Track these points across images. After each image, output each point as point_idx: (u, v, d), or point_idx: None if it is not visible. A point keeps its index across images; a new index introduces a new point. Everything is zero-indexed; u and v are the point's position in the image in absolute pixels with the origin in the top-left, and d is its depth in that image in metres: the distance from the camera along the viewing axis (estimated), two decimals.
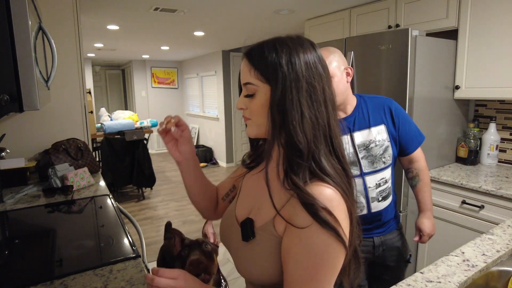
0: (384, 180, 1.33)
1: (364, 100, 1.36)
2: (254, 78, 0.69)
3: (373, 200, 1.32)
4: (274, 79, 0.66)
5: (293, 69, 0.65)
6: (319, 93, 0.66)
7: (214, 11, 3.07)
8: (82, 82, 2.38)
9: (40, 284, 0.96)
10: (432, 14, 2.27)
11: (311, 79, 0.66)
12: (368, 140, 1.31)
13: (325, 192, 0.62)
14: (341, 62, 1.30)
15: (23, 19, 0.91)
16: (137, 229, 1.58)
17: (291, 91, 0.64)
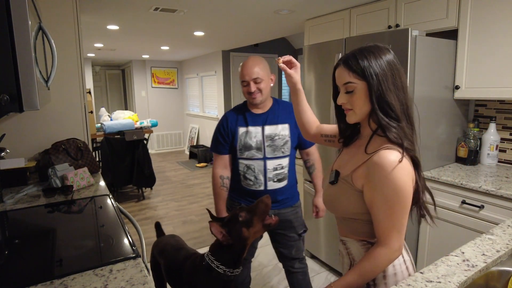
0: (281, 166, 1.75)
1: (278, 103, 1.80)
2: (353, 78, 0.95)
3: (269, 180, 1.74)
4: (369, 76, 0.93)
5: (380, 67, 0.93)
6: (398, 81, 0.94)
7: (214, 11, 3.07)
8: (82, 82, 2.38)
9: (40, 284, 0.96)
10: (432, 14, 2.27)
11: (392, 72, 0.94)
12: (274, 133, 1.73)
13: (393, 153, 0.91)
14: (268, 70, 1.72)
15: (23, 19, 0.91)
16: (137, 229, 1.58)
17: (384, 81, 0.93)
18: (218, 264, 1.25)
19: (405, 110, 0.95)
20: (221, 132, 1.79)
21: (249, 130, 1.73)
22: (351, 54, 0.97)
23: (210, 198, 4.52)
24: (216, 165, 1.83)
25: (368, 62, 0.93)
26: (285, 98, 6.81)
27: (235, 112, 1.81)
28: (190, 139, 7.56)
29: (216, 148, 1.81)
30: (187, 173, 5.88)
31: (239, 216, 1.26)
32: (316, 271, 2.67)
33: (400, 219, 0.92)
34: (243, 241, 1.26)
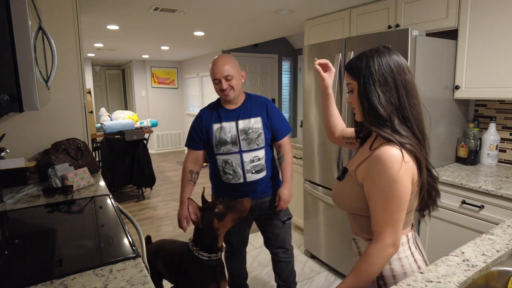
0: (258, 158, 1.81)
1: (250, 97, 1.86)
2: (350, 79, 1.05)
3: (247, 172, 1.81)
4: (358, 77, 1.00)
5: (367, 68, 0.98)
6: (390, 81, 0.97)
7: (214, 11, 3.07)
8: (82, 82, 2.38)
9: (40, 284, 0.96)
10: (432, 14, 2.27)
11: (383, 73, 0.97)
12: (247, 127, 1.79)
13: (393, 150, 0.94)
14: (238, 67, 1.80)
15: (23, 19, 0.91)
16: (137, 229, 1.58)
17: (369, 82, 0.98)
18: (197, 249, 1.40)
19: (398, 110, 0.97)
20: (195, 129, 1.84)
21: (223, 126, 1.79)
22: (351, 59, 1.05)
23: (210, 198, 4.51)
24: (188, 159, 1.91)
25: (359, 64, 1.00)
26: (284, 98, 6.82)
27: (209, 109, 1.86)
28: None
29: (190, 144, 1.89)
30: None
31: (216, 207, 1.39)
32: (316, 271, 2.67)
33: (395, 214, 0.93)
34: (212, 230, 1.39)
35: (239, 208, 1.41)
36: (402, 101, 0.98)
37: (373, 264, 0.95)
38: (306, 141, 2.75)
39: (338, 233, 2.51)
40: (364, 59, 1.00)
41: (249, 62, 6.23)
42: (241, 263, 2.15)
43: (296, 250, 3.02)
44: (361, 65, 0.99)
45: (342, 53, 2.28)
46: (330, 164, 2.51)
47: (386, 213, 0.93)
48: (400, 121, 0.98)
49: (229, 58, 1.76)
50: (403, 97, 0.98)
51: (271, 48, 6.32)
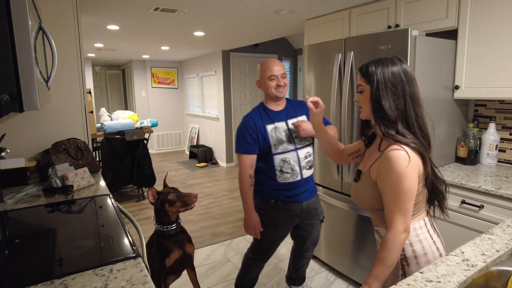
0: (309, 153, 1.89)
1: (289, 100, 1.95)
2: (362, 81, 1.17)
3: (303, 168, 1.86)
4: (372, 82, 1.13)
5: (383, 75, 1.12)
6: (399, 89, 1.11)
7: (214, 11, 3.07)
8: (82, 82, 2.38)
9: (40, 284, 0.96)
10: (431, 14, 2.27)
11: (394, 82, 1.11)
12: None
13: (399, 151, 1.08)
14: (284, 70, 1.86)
15: (23, 19, 0.91)
16: (137, 229, 1.58)
17: (382, 88, 1.11)
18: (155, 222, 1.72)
19: (403, 117, 1.12)
20: (249, 132, 1.82)
21: (276, 126, 1.84)
22: (366, 62, 1.18)
23: (210, 198, 4.52)
24: (245, 165, 1.85)
25: (374, 70, 1.12)
26: None
27: (256, 113, 1.90)
28: (190, 139, 7.56)
29: (245, 149, 1.84)
30: (187, 173, 5.89)
31: (168, 194, 1.67)
32: (316, 271, 2.67)
33: (404, 203, 1.07)
34: (164, 211, 1.68)
35: (186, 200, 1.68)
36: (408, 109, 1.12)
37: (390, 249, 1.07)
38: None
39: (338, 233, 2.51)
40: (380, 66, 1.13)
41: (249, 62, 6.23)
42: (260, 269, 2.12)
43: None
44: (376, 71, 1.12)
45: (342, 53, 2.28)
46: (330, 164, 2.51)
47: (396, 203, 1.07)
48: (404, 127, 1.11)
49: (278, 61, 1.88)
50: (409, 106, 1.12)
51: (271, 48, 6.32)
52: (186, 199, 1.69)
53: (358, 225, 2.33)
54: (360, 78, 1.18)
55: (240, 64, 6.14)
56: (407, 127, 1.12)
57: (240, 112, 6.28)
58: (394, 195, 1.07)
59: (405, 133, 1.10)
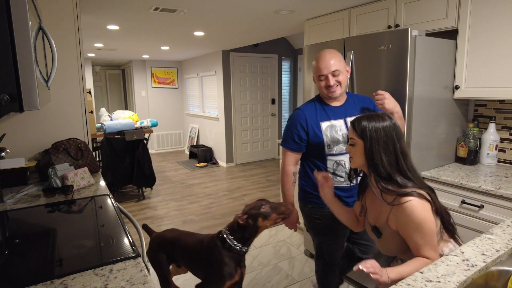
0: None
1: (351, 95, 1.77)
2: (355, 136, 1.24)
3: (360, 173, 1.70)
4: (364, 137, 1.21)
5: (375, 131, 1.19)
6: (391, 146, 1.19)
7: (214, 11, 3.07)
8: (82, 82, 2.38)
9: (40, 284, 0.96)
10: (431, 14, 2.27)
11: (386, 139, 1.19)
12: None
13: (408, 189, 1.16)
14: (344, 63, 1.64)
15: (23, 19, 0.91)
16: (137, 229, 1.58)
17: (374, 145, 1.19)
18: (231, 238, 1.51)
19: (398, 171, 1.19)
20: (298, 129, 1.67)
21: (333, 124, 1.66)
22: (358, 117, 1.25)
23: (210, 198, 4.52)
24: (288, 162, 1.75)
25: (366, 126, 1.20)
26: (284, 98, 6.82)
27: (311, 106, 1.70)
28: (190, 139, 7.56)
29: (291, 145, 1.72)
30: (187, 173, 5.89)
31: (261, 207, 1.50)
32: None
33: (432, 240, 1.13)
34: (256, 227, 1.51)
35: (283, 210, 1.52)
36: (401, 164, 1.19)
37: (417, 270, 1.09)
38: None
39: None
40: (372, 122, 1.20)
41: (249, 62, 6.23)
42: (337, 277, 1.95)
43: (296, 250, 3.02)
44: (369, 127, 1.19)
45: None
46: None
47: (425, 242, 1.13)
48: (403, 179, 1.18)
49: (335, 52, 1.63)
50: (401, 161, 1.19)
51: (271, 48, 6.32)
52: (283, 209, 1.53)
53: None
54: (352, 132, 1.25)
55: (240, 64, 6.14)
56: (405, 178, 1.18)
57: (240, 112, 6.28)
58: (421, 237, 1.12)
59: (405, 183, 1.17)
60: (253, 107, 6.42)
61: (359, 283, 2.42)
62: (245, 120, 6.38)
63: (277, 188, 4.87)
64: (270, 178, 5.45)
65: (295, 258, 2.88)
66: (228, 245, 1.51)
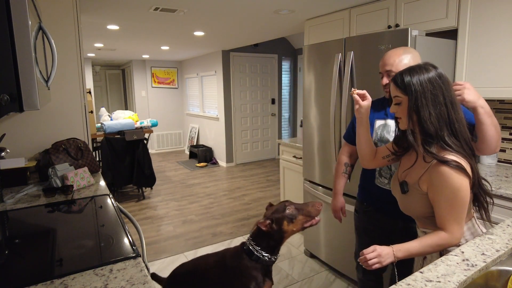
0: None
1: None
2: (399, 93, 1.13)
3: None
4: (409, 93, 1.09)
5: (420, 85, 1.08)
6: (440, 98, 1.08)
7: (214, 11, 3.07)
8: (82, 82, 2.38)
9: (40, 284, 0.96)
10: (431, 14, 2.27)
11: (433, 89, 1.08)
12: None
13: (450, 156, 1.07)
14: (411, 63, 1.48)
15: (23, 19, 0.91)
16: (137, 229, 1.58)
17: (420, 99, 1.08)
18: (258, 249, 1.36)
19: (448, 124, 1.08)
20: (354, 123, 1.69)
21: (387, 124, 1.61)
22: (400, 72, 1.14)
23: (210, 198, 4.52)
24: (343, 152, 1.79)
25: (410, 80, 1.09)
26: (284, 98, 6.82)
27: (376, 103, 1.67)
28: (190, 139, 7.56)
29: (347, 136, 1.78)
30: (187, 173, 5.89)
31: (286, 208, 1.35)
32: (316, 271, 2.67)
33: (460, 214, 1.08)
34: (281, 232, 1.35)
35: (310, 210, 1.35)
36: (451, 116, 1.08)
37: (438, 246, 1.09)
38: (306, 141, 2.75)
39: (338, 233, 2.51)
40: (415, 75, 1.09)
41: (249, 62, 6.23)
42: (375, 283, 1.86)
43: (296, 249, 3.02)
44: (413, 81, 1.09)
45: (342, 53, 2.28)
46: (330, 164, 2.51)
47: (451, 214, 1.07)
48: (450, 135, 1.08)
49: (402, 50, 1.51)
50: (451, 112, 1.08)
51: (271, 48, 6.32)
52: (310, 209, 1.36)
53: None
54: (395, 89, 1.14)
55: (240, 64, 6.14)
56: (454, 136, 1.09)
57: (240, 112, 6.28)
58: (450, 207, 1.06)
59: (452, 145, 1.07)
60: (253, 107, 6.42)
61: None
62: (245, 120, 6.38)
63: (277, 188, 4.87)
64: (270, 178, 5.45)
65: (295, 258, 2.88)
66: (256, 257, 1.35)
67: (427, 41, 1.98)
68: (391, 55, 1.51)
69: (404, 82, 1.10)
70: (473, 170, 1.08)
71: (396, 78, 1.14)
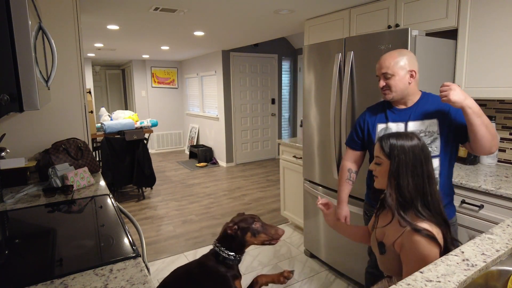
0: None
1: (427, 97, 1.60)
2: (381, 154, 1.20)
3: None
4: (392, 158, 1.16)
5: (404, 153, 1.14)
6: (419, 170, 1.14)
7: (214, 11, 3.07)
8: (82, 82, 2.38)
9: (40, 284, 0.96)
10: (431, 14, 2.27)
11: (414, 160, 1.14)
12: (419, 130, 1.54)
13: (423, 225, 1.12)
14: (406, 64, 1.52)
15: (23, 19, 0.91)
16: (137, 229, 1.58)
17: (402, 167, 1.15)
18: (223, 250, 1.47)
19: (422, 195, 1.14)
20: (356, 128, 1.72)
21: (388, 127, 1.61)
22: (387, 135, 1.21)
23: (210, 198, 4.52)
24: (346, 158, 1.79)
25: (395, 146, 1.16)
26: (284, 98, 6.82)
27: (376, 107, 1.70)
28: (190, 139, 7.56)
29: (349, 142, 1.79)
30: (187, 173, 5.89)
31: (253, 223, 1.46)
32: (316, 271, 2.67)
33: None
34: (243, 241, 1.46)
35: (272, 233, 1.45)
36: (425, 189, 1.14)
37: None
38: (306, 141, 2.75)
39: (338, 233, 2.51)
40: (400, 142, 1.16)
41: (249, 62, 6.23)
42: None
43: (296, 249, 3.02)
44: (398, 148, 1.15)
45: (342, 53, 2.28)
46: (330, 164, 2.51)
47: None
48: (423, 206, 1.13)
49: (397, 53, 1.53)
50: (426, 185, 1.14)
51: (271, 48, 6.32)
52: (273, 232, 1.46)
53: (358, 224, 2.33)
54: (379, 150, 1.20)
55: (240, 64, 6.14)
56: (427, 206, 1.14)
57: (240, 112, 6.28)
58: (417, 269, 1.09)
59: (423, 213, 1.12)
60: (253, 107, 6.42)
61: (359, 283, 2.43)
62: (245, 120, 6.38)
63: (277, 188, 4.87)
64: (270, 178, 5.45)
65: (295, 258, 2.88)
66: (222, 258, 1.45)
67: (427, 41, 1.98)
68: (386, 58, 1.54)
69: (388, 145, 1.17)
70: (444, 237, 1.13)
71: (381, 140, 1.20)
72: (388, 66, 1.52)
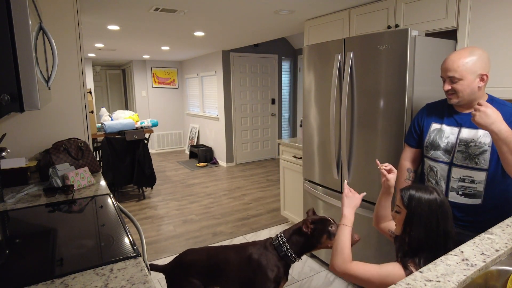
0: (471, 179, 1.45)
1: (492, 101, 1.43)
2: (401, 204, 1.24)
3: (452, 190, 1.50)
4: (408, 208, 1.20)
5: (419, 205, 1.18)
6: (433, 224, 1.16)
7: (214, 11, 3.07)
8: (83, 82, 2.38)
9: (41, 283, 0.96)
10: (431, 14, 2.28)
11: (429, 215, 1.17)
12: (470, 139, 1.45)
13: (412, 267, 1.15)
14: (477, 66, 1.36)
15: (24, 19, 0.91)
16: (138, 229, 1.58)
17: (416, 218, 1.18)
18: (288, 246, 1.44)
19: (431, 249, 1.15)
20: (414, 124, 1.66)
21: (442, 129, 1.53)
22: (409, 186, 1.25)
23: (210, 198, 4.52)
24: (404, 156, 1.70)
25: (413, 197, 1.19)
26: (284, 98, 6.82)
27: (436, 105, 1.60)
28: (190, 139, 7.56)
29: (407, 138, 1.71)
30: (187, 173, 5.89)
31: (330, 226, 1.45)
32: (316, 270, 2.68)
33: None
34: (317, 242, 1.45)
35: None
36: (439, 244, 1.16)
37: None
38: (306, 141, 2.75)
39: None
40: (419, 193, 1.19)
41: (249, 62, 6.23)
42: None
43: None
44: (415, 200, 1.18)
45: (341, 53, 2.28)
46: (330, 163, 2.51)
47: None
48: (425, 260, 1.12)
49: (467, 52, 1.37)
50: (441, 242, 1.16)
51: (271, 48, 6.32)
52: None
53: (358, 224, 2.33)
54: (399, 199, 1.24)
55: (240, 64, 6.15)
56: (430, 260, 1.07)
57: (240, 112, 6.29)
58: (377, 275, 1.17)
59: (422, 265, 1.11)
60: (253, 107, 6.43)
61: None
62: (245, 120, 6.38)
63: (277, 188, 4.87)
64: (270, 178, 5.45)
65: None
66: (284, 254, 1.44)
67: (426, 41, 1.98)
68: (454, 59, 1.37)
69: (407, 195, 1.21)
70: None
71: (402, 191, 1.24)
72: (456, 69, 1.36)
